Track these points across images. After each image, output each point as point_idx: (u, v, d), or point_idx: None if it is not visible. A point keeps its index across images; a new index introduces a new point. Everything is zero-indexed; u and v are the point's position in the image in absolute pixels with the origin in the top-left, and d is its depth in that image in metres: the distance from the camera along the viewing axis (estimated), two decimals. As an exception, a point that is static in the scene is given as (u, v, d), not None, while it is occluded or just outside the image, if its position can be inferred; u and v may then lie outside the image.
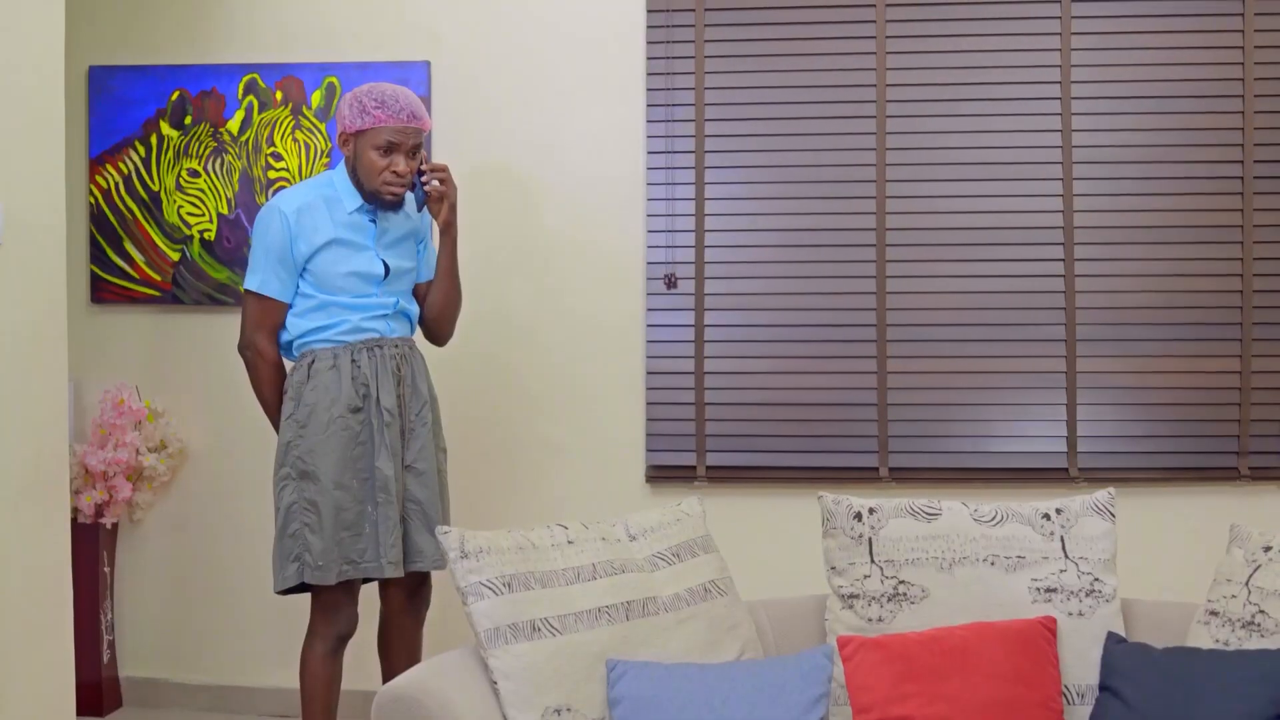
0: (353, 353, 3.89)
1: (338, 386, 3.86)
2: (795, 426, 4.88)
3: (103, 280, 5.06)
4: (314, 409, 3.85)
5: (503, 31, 4.95)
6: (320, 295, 3.90)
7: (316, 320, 3.91)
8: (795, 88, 4.88)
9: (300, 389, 3.89)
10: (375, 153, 3.86)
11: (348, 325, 3.90)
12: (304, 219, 3.88)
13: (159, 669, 5.12)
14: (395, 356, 3.94)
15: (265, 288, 3.91)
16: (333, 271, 3.88)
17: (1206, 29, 4.78)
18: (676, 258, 4.90)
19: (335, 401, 3.85)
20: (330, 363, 3.87)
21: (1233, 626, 3.07)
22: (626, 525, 3.30)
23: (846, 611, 3.30)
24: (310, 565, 3.84)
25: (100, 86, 5.04)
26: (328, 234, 3.88)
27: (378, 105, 3.86)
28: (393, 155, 3.87)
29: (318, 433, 3.84)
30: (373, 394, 3.88)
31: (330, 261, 3.88)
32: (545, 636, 2.95)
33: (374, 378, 3.88)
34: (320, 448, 3.84)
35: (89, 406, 5.03)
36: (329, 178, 3.99)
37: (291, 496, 3.87)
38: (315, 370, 3.88)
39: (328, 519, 3.82)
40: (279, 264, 3.89)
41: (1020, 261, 4.83)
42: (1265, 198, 4.76)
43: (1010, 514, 3.33)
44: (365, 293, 3.92)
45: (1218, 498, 4.78)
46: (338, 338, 3.90)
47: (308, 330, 3.92)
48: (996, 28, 4.83)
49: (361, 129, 3.87)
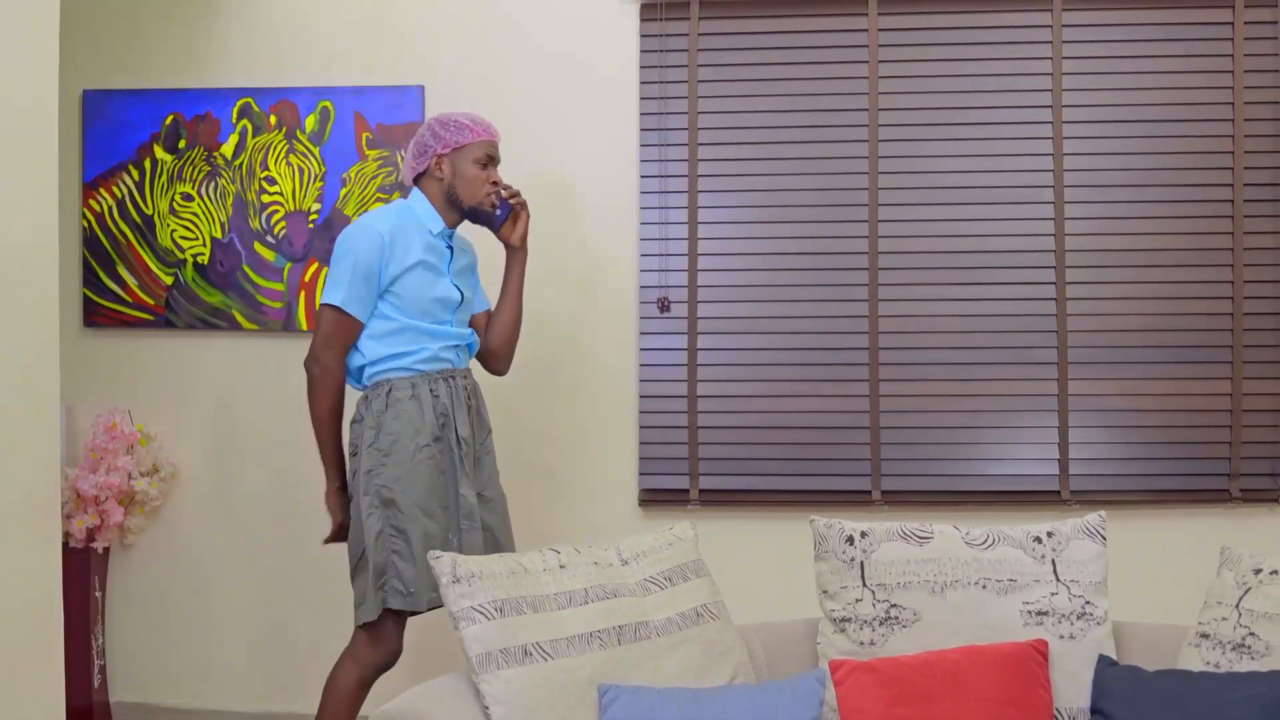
0: (430, 383, 3.91)
1: (420, 417, 3.87)
2: (788, 450, 4.88)
3: (96, 304, 5.06)
4: (398, 438, 3.84)
5: (496, 56, 4.96)
6: (401, 319, 3.90)
7: (395, 346, 3.90)
8: (788, 112, 4.90)
9: (380, 417, 3.87)
10: (475, 166, 3.98)
11: (426, 354, 3.92)
12: (398, 239, 3.90)
13: (150, 694, 5.11)
14: (466, 388, 3.99)
15: (348, 305, 3.87)
16: (420, 295, 3.91)
17: (1197, 54, 4.80)
18: (669, 281, 4.91)
19: (419, 431, 3.86)
20: (410, 392, 3.88)
21: (1223, 649, 3.07)
22: (619, 549, 3.30)
23: (839, 635, 3.30)
24: (400, 592, 3.82)
25: (94, 110, 5.05)
26: (417, 255, 3.91)
27: (471, 121, 3.99)
28: (490, 168, 4.01)
29: (404, 462, 3.84)
30: (451, 423, 3.92)
31: (418, 284, 3.91)
32: (537, 661, 2.95)
33: (451, 408, 3.93)
34: (407, 476, 3.84)
35: (81, 430, 5.02)
36: (406, 205, 4.03)
37: (379, 525, 3.84)
38: (394, 399, 3.87)
39: (417, 547, 3.81)
40: (364, 282, 3.87)
41: (1012, 285, 4.84)
42: (1255, 220, 4.77)
43: (1001, 537, 3.34)
44: (443, 319, 3.97)
45: (1209, 520, 4.79)
46: (415, 366, 3.91)
47: (385, 356, 3.91)
48: (988, 52, 4.86)
49: (459, 145, 3.97)
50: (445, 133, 3.98)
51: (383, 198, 4.90)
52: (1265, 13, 4.76)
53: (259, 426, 5.04)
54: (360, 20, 5.00)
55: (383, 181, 4.93)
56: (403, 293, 3.90)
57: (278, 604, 5.02)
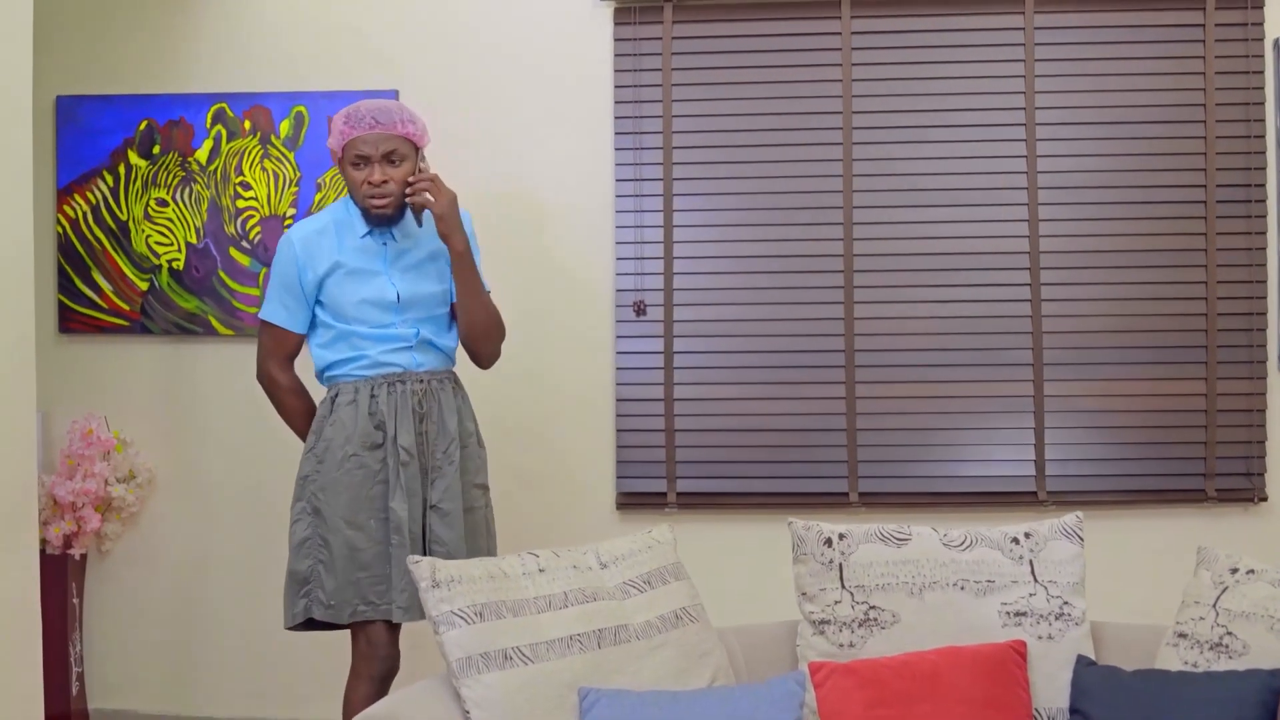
0: (373, 388, 3.81)
1: (354, 423, 3.78)
2: (765, 452, 4.89)
3: (71, 310, 5.04)
4: (330, 445, 3.79)
5: (470, 60, 4.96)
6: (338, 325, 3.84)
7: (340, 352, 3.85)
8: (762, 115, 4.90)
9: (322, 423, 3.83)
10: (351, 168, 3.79)
11: (367, 360, 3.82)
12: (310, 246, 3.83)
13: (128, 701, 5.09)
14: (417, 392, 3.82)
15: (273, 316, 3.89)
16: (344, 300, 3.82)
17: (1169, 55, 4.83)
18: (645, 285, 4.91)
19: (350, 439, 3.77)
20: (351, 398, 3.81)
21: (1201, 648, 3.08)
22: (597, 553, 3.30)
23: (818, 637, 3.30)
24: (322, 603, 3.76)
25: (68, 116, 5.03)
26: (330, 259, 3.82)
27: (344, 120, 3.79)
28: (366, 167, 3.77)
29: (332, 470, 3.77)
30: (390, 432, 3.79)
31: (340, 289, 3.82)
32: (517, 665, 2.95)
33: (392, 415, 3.79)
34: (332, 486, 3.77)
35: (57, 437, 5.00)
36: (344, 204, 3.93)
37: (305, 531, 3.80)
38: (337, 405, 3.82)
39: (340, 558, 3.74)
40: (286, 292, 3.86)
41: (987, 287, 4.85)
42: (1228, 221, 4.80)
43: (979, 538, 3.35)
44: (384, 322, 3.83)
45: (1185, 520, 4.81)
46: (356, 372, 3.83)
47: (333, 362, 3.86)
48: (961, 55, 4.87)
49: (339, 150, 3.83)
50: (330, 137, 3.86)
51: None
52: (1236, 14, 4.79)
53: (235, 432, 5.03)
54: (333, 25, 4.99)
55: (358, 186, 4.92)
56: (328, 298, 3.84)
57: (255, 609, 5.01)
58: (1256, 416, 4.81)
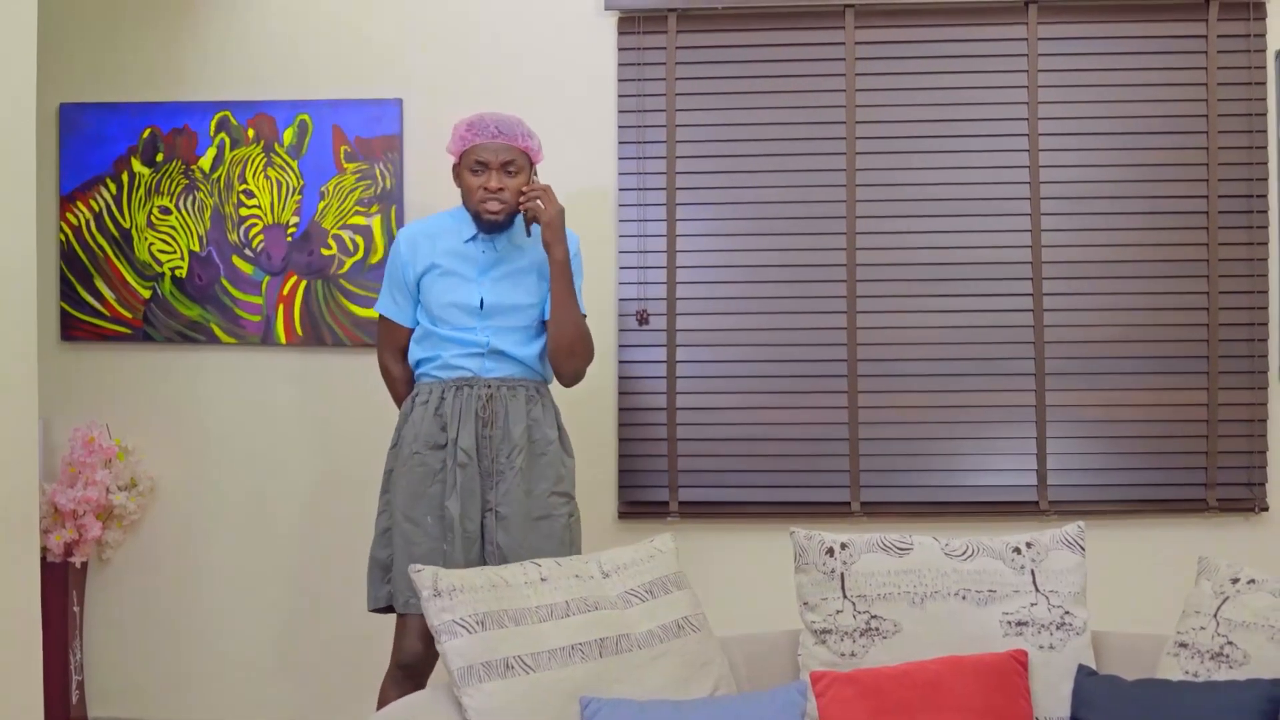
0: (443, 390, 3.95)
1: (423, 422, 3.94)
2: (767, 462, 4.89)
3: (73, 318, 5.04)
4: (403, 441, 3.97)
5: (474, 68, 4.96)
6: (426, 324, 4.00)
7: (425, 350, 4.01)
8: (766, 124, 4.91)
9: (403, 420, 4.02)
10: (469, 174, 3.95)
11: (440, 361, 3.97)
12: (415, 244, 4.03)
13: (128, 709, 5.08)
14: (482, 397, 3.91)
15: (384, 308, 4.12)
16: (435, 300, 3.98)
17: (1171, 66, 4.83)
18: (648, 294, 4.92)
19: (417, 437, 3.93)
20: (425, 397, 3.97)
21: (1202, 658, 3.08)
22: (599, 562, 3.30)
23: (819, 647, 3.30)
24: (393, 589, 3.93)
25: (71, 124, 5.03)
26: (430, 260, 3.98)
27: (467, 127, 3.96)
28: (484, 174, 3.92)
29: (401, 466, 3.95)
30: (452, 433, 3.91)
31: (433, 289, 3.98)
32: (519, 674, 2.95)
33: (455, 417, 3.91)
34: (401, 481, 3.94)
35: (59, 445, 5.00)
36: (458, 210, 4.09)
37: (385, 522, 3.98)
38: (415, 404, 3.99)
39: (399, 550, 3.90)
40: (395, 287, 4.07)
41: (990, 296, 4.86)
42: (1230, 231, 4.80)
43: (981, 548, 3.35)
44: (465, 325, 3.95)
45: (1186, 530, 4.81)
46: (433, 372, 3.98)
47: (419, 360, 4.03)
48: (964, 65, 4.88)
49: (458, 155, 3.98)
50: (450, 144, 4.01)
51: (361, 210, 4.90)
52: (1238, 25, 4.80)
53: (237, 440, 5.03)
54: (338, 33, 5.00)
55: (361, 195, 4.93)
56: (423, 298, 4.02)
57: (256, 618, 5.01)
58: (1258, 426, 4.81)
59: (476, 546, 3.87)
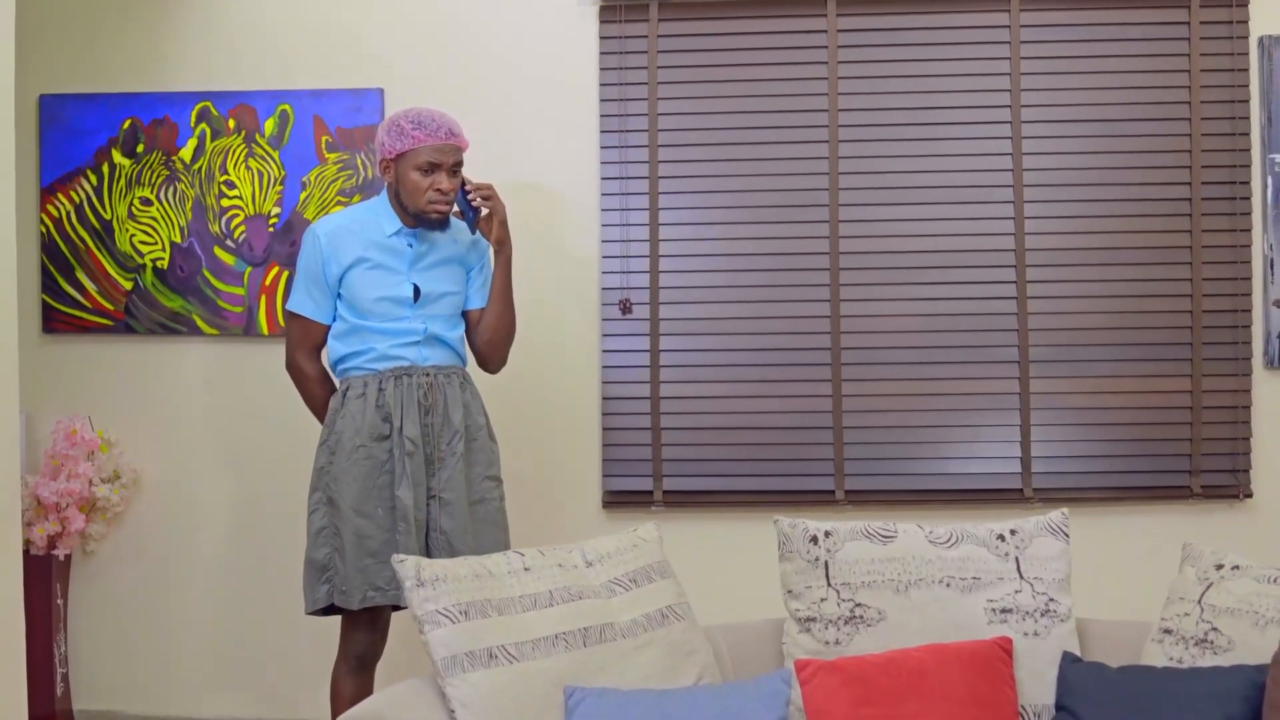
0: (380, 381, 3.94)
1: (362, 415, 3.92)
2: (751, 450, 4.89)
3: (54, 310, 5.02)
4: (341, 437, 3.94)
5: (455, 58, 4.95)
6: (353, 319, 3.98)
7: (351, 345, 3.99)
8: (748, 113, 4.90)
9: (334, 416, 3.98)
10: (417, 173, 3.94)
11: (375, 353, 3.96)
12: (336, 240, 3.98)
13: (113, 702, 5.07)
14: (423, 385, 3.96)
15: (300, 307, 4.05)
16: (363, 295, 3.96)
17: (1154, 53, 4.83)
18: (631, 283, 4.91)
19: (359, 430, 3.92)
20: (360, 391, 3.95)
21: (1186, 644, 3.09)
22: (583, 551, 3.30)
23: (804, 635, 3.30)
24: (338, 589, 3.91)
25: (51, 115, 5.01)
26: (356, 255, 3.96)
27: (415, 126, 3.94)
28: (434, 174, 3.94)
29: (343, 460, 3.92)
30: (395, 423, 3.92)
31: (360, 284, 3.96)
32: (502, 664, 2.95)
33: (398, 407, 3.92)
34: (343, 476, 3.92)
35: (41, 437, 4.98)
36: (371, 204, 4.09)
37: (322, 521, 3.96)
38: (348, 398, 3.96)
39: (350, 546, 3.89)
40: (312, 284, 4.02)
41: (973, 284, 4.86)
42: (1213, 219, 4.81)
43: (965, 535, 3.35)
44: (396, 316, 3.96)
45: (1170, 516, 4.82)
46: (367, 365, 3.97)
47: (345, 355, 4.01)
48: (947, 53, 4.87)
49: (402, 151, 3.94)
50: (388, 138, 3.98)
51: (343, 200, 4.88)
52: (1221, 12, 4.80)
53: (220, 432, 5.02)
54: (318, 23, 4.98)
55: (342, 185, 4.91)
56: (348, 293, 3.99)
57: (240, 610, 5.00)
58: (1241, 413, 4.82)
59: (423, 533, 3.93)
